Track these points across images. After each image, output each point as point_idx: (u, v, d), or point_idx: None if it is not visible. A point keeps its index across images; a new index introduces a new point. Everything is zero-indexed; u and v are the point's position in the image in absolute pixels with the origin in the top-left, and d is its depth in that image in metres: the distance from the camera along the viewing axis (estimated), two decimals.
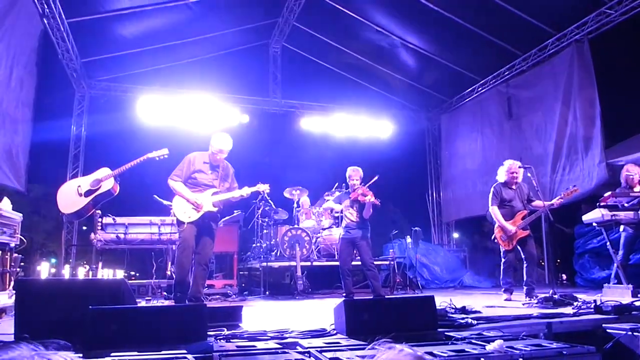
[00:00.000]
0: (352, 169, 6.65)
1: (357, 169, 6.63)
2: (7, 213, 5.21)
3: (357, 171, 6.60)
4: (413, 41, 11.14)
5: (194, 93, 11.93)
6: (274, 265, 8.79)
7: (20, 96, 8.44)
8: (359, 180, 6.55)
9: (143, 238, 7.48)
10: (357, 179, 6.54)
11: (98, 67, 11.21)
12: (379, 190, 6.51)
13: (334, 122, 13.12)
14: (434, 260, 11.26)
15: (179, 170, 5.49)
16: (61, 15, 8.98)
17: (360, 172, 6.60)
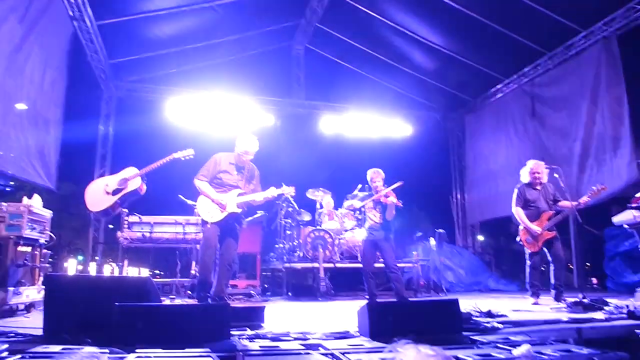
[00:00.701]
0: (373, 170, 6.61)
1: (379, 171, 6.60)
2: (37, 210, 5.32)
3: (379, 173, 6.58)
4: (436, 41, 11.03)
5: (218, 94, 12.03)
6: (297, 267, 8.77)
7: (51, 97, 8.65)
8: (382, 182, 6.51)
9: (168, 237, 7.56)
10: (379, 181, 6.52)
11: (125, 68, 11.38)
12: (402, 192, 6.47)
13: (356, 122, 13.08)
14: (458, 263, 11.11)
15: (205, 170, 5.52)
16: (90, 18, 9.13)
17: (381, 173, 6.57)
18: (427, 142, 13.73)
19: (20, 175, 7.82)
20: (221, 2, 10.00)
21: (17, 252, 4.99)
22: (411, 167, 12.72)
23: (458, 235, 13.83)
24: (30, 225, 5.14)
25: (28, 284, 5.17)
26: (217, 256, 5.46)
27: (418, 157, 12.92)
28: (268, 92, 12.74)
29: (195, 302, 5.59)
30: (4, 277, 4.75)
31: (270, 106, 12.77)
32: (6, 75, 6.90)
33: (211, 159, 5.60)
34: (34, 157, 8.10)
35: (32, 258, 5.31)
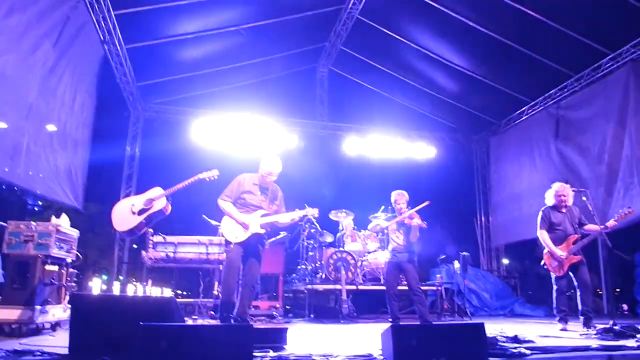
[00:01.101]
0: (397, 193, 6.59)
1: (403, 193, 6.57)
2: (65, 229, 5.41)
3: (403, 195, 6.55)
4: (460, 63, 11.04)
5: (243, 116, 12.21)
6: (319, 288, 8.73)
7: (81, 118, 8.89)
8: (405, 204, 6.48)
9: (191, 257, 7.61)
10: (403, 203, 6.49)
11: (153, 90, 11.65)
12: (427, 214, 6.42)
13: (380, 144, 13.10)
14: (483, 287, 10.91)
15: (228, 190, 5.55)
16: (120, 41, 9.40)
17: (405, 195, 6.55)
18: (451, 164, 13.67)
19: (49, 195, 8.00)
20: (247, 25, 10.20)
21: (45, 271, 5.06)
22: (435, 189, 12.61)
23: (482, 258, 13.63)
24: (58, 245, 5.23)
25: (54, 302, 5.24)
26: (240, 277, 5.46)
27: (442, 179, 12.85)
28: (292, 113, 12.88)
29: (218, 322, 5.60)
30: (31, 296, 4.82)
31: (294, 127, 12.89)
32: (39, 97, 7.13)
33: (235, 179, 5.64)
34: (62, 178, 8.29)
35: (59, 277, 5.39)
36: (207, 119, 12.04)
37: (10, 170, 6.50)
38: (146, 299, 4.38)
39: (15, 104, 6.45)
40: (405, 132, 13.49)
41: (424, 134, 13.68)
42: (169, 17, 9.24)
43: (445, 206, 13.27)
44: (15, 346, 3.80)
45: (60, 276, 5.45)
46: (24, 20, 6.40)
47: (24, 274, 4.89)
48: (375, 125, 13.29)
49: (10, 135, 6.42)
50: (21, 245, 5.00)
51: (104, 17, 8.61)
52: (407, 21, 10.53)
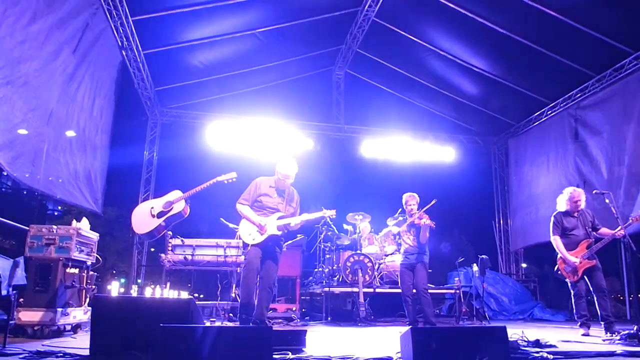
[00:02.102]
0: (408, 195, 6.67)
1: (413, 195, 6.63)
2: (85, 233, 5.50)
3: (413, 197, 6.61)
4: (479, 65, 10.98)
5: (259, 119, 12.30)
6: (336, 291, 8.72)
7: (99, 123, 9.03)
8: (416, 206, 6.52)
9: (209, 260, 7.65)
10: (413, 204, 6.53)
11: (169, 95, 11.80)
12: (443, 217, 6.43)
13: (397, 147, 13.11)
14: (501, 291, 10.80)
15: (246, 194, 5.60)
16: (138, 47, 9.54)
17: (416, 197, 6.60)
18: (469, 166, 13.60)
19: (68, 200, 8.13)
20: (263, 29, 10.27)
21: (66, 274, 5.15)
22: (453, 192, 12.59)
23: (501, 262, 13.50)
24: (78, 248, 5.31)
25: (75, 305, 5.32)
26: (258, 279, 5.47)
27: (460, 181, 12.80)
28: (308, 116, 12.93)
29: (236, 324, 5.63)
30: (52, 298, 4.91)
31: (311, 130, 12.94)
32: (60, 103, 7.26)
33: (252, 183, 5.68)
34: (82, 182, 8.42)
35: (79, 280, 5.47)
36: (224, 123, 12.18)
37: (31, 175, 6.62)
38: (165, 301, 4.43)
39: (36, 110, 6.57)
40: (422, 135, 13.46)
41: (441, 136, 13.63)
42: (185, 22, 9.35)
43: (464, 209, 13.25)
44: (38, 347, 3.88)
45: (81, 279, 5.53)
46: (45, 27, 6.53)
47: (45, 277, 4.99)
48: (392, 128, 13.27)
49: (31, 141, 6.54)
50: (43, 248, 5.09)
51: (121, 23, 8.74)
52: (423, 23, 10.51)
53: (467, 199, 12.99)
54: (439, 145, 13.41)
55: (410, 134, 13.33)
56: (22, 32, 5.97)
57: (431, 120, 13.38)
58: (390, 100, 13.07)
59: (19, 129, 6.16)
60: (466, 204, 13.06)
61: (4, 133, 5.78)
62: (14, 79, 5.89)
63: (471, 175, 13.55)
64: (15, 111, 6.01)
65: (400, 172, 12.54)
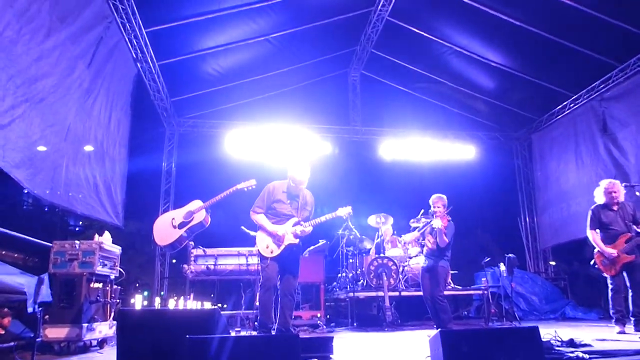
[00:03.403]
0: (435, 196, 6.53)
1: (441, 197, 6.48)
2: (108, 246, 5.55)
3: (440, 198, 6.45)
4: (496, 59, 10.86)
5: (276, 125, 12.35)
6: (361, 296, 8.69)
7: (117, 136, 9.14)
8: (442, 208, 6.38)
9: (232, 269, 7.68)
10: (439, 206, 6.40)
11: (186, 105, 11.90)
12: (467, 216, 6.39)
13: (416, 147, 13.06)
14: (531, 290, 10.64)
15: (260, 201, 5.53)
16: (152, 58, 9.64)
17: (443, 199, 6.43)
18: (491, 163, 13.46)
19: (89, 214, 8.22)
20: (276, 34, 10.31)
21: (90, 289, 5.20)
22: (476, 190, 12.47)
23: (529, 261, 13.32)
24: (101, 262, 5.36)
25: (100, 319, 5.36)
26: (278, 293, 5.40)
27: (483, 179, 12.68)
28: (325, 120, 12.93)
29: None
30: (78, 314, 4.95)
31: (328, 134, 12.95)
32: (77, 118, 7.36)
33: (264, 189, 5.62)
34: (102, 196, 8.53)
35: (103, 294, 5.52)
36: (241, 130, 12.25)
37: (52, 192, 6.71)
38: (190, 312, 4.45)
39: (54, 126, 6.67)
40: (442, 134, 13.38)
41: (461, 134, 13.53)
42: (199, 31, 9.43)
43: (488, 207, 13.09)
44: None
45: (105, 293, 5.58)
46: (59, 43, 6.64)
47: (70, 293, 5.04)
48: (410, 128, 13.21)
49: (50, 158, 6.63)
50: (66, 264, 5.14)
51: (135, 35, 8.84)
52: (438, 19, 10.43)
53: (490, 197, 12.82)
54: (459, 143, 13.31)
55: (429, 134, 13.26)
56: (37, 49, 6.07)
57: (450, 118, 13.27)
58: (407, 99, 13.00)
59: (38, 145, 6.25)
60: (489, 202, 12.89)
61: (23, 150, 5.87)
62: (31, 96, 5.98)
63: (493, 172, 13.41)
64: (34, 128, 6.10)
65: (421, 172, 12.47)
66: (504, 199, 13.75)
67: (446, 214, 6.26)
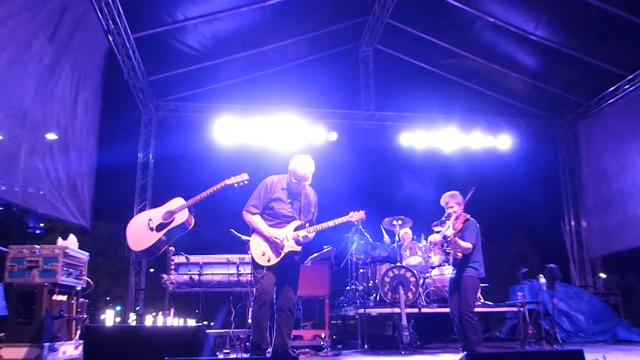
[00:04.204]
0: (446, 195, 6.45)
1: (453, 194, 6.40)
2: (73, 252, 5.58)
3: (453, 196, 6.38)
4: (538, 33, 10.80)
5: (273, 109, 12.38)
6: (373, 313, 8.69)
7: (84, 122, 9.16)
8: (458, 207, 6.32)
9: (220, 280, 7.69)
10: (452, 206, 6.36)
11: (166, 85, 11.92)
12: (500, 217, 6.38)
13: (440, 136, 13.04)
14: (576, 307, 10.65)
15: (255, 199, 5.49)
16: (127, 31, 9.67)
17: (456, 196, 6.36)
18: (530, 156, 13.42)
19: (52, 214, 8.26)
20: (273, 0, 10.26)
21: (52, 302, 5.22)
22: (511, 188, 12.46)
23: (574, 272, 13.30)
24: (65, 270, 5.39)
25: (64, 338, 5.40)
26: (275, 309, 5.39)
27: (519, 175, 12.64)
28: (331, 103, 12.98)
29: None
30: (38, 331, 4.97)
31: (335, 120, 12.99)
32: (36, 101, 7.38)
33: (261, 184, 5.58)
34: (66, 192, 8.53)
35: (68, 308, 5.54)
36: (232, 115, 12.25)
37: (8, 187, 6.72)
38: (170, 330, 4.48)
39: (8, 110, 6.67)
40: (471, 119, 13.38)
41: (495, 120, 13.53)
42: None
43: (525, 208, 13.06)
44: None
45: (70, 307, 5.61)
46: (14, 11, 6.61)
47: (29, 306, 5.06)
48: (433, 113, 13.23)
49: (4, 147, 6.63)
50: (25, 272, 5.17)
51: (106, 2, 8.87)
52: None
53: (528, 196, 12.77)
54: (492, 131, 13.28)
55: (457, 119, 13.25)
56: None
57: (481, 101, 13.25)
58: (429, 79, 12.98)
59: None
60: (527, 201, 12.84)
61: None
62: None
63: (531, 166, 13.32)
64: None
65: (446, 165, 12.48)
66: (544, 198, 13.71)
67: (463, 213, 6.22)
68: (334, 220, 5.52)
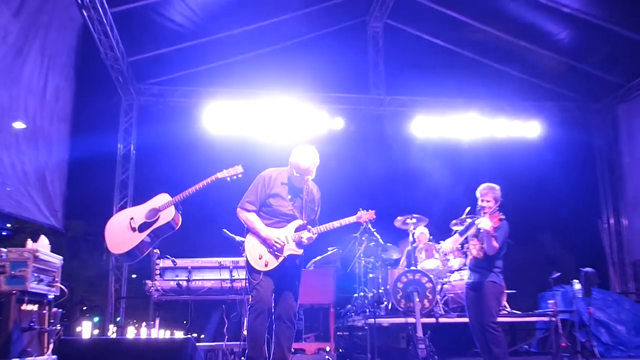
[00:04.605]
0: (485, 187, 6.45)
1: (492, 187, 6.41)
2: (45, 256, 5.56)
3: (492, 189, 6.37)
4: (572, 4, 10.77)
5: (271, 93, 12.39)
6: (384, 323, 8.72)
7: (55, 109, 9.14)
8: (494, 202, 6.34)
9: (211, 286, 7.69)
10: (489, 200, 6.36)
11: (149, 67, 11.92)
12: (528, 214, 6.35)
13: (460, 123, 13.03)
14: (615, 317, 10.64)
15: (250, 195, 5.46)
16: (103, 4, 9.63)
17: (495, 190, 6.37)
18: (562, 144, 13.37)
19: (18, 213, 8.23)
20: None
21: (21, 312, 5.21)
22: (541, 181, 12.45)
23: (613, 276, 13.31)
24: (36, 277, 5.38)
25: (35, 353, 5.39)
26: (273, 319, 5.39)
27: (550, 166, 12.63)
28: (336, 87, 12.98)
29: None
30: (5, 345, 4.96)
31: (340, 105, 13.00)
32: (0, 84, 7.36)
33: (258, 178, 5.54)
34: (34, 188, 8.50)
35: (39, 319, 5.55)
36: (224, 100, 12.28)
37: None
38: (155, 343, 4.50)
39: None
40: (495, 104, 13.37)
41: (521, 104, 13.52)
42: None
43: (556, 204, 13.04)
44: None
45: (42, 318, 5.61)
46: None
47: None
48: (452, 97, 13.24)
49: None
50: None
51: None
52: None
53: (560, 190, 12.75)
54: (518, 117, 13.27)
55: (478, 104, 13.25)
56: None
57: (506, 83, 13.23)
58: (448, 59, 12.99)
59: None
60: (559, 196, 12.82)
61: None
62: None
63: (564, 156, 13.25)
64: None
65: (466, 156, 12.46)
66: (579, 192, 13.67)
67: (498, 211, 6.23)
68: (340, 220, 5.47)
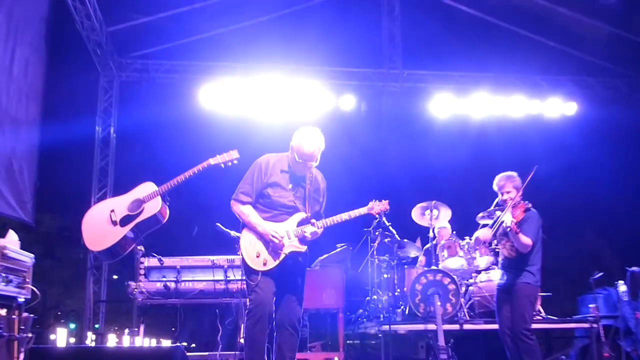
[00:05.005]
0: (501, 177, 6.45)
1: (510, 176, 6.39)
2: (13, 253, 5.56)
3: (510, 178, 6.37)
4: None
5: (270, 67, 12.36)
6: (401, 330, 8.73)
7: (23, 87, 9.11)
8: (516, 192, 6.32)
9: (203, 288, 7.71)
10: (509, 190, 6.35)
11: (131, 38, 11.91)
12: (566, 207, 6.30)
13: (487, 101, 12.96)
14: None
15: (246, 184, 5.43)
16: None
17: (514, 178, 6.35)
18: (604, 125, 13.34)
19: None
20: None
21: None
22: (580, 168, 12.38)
23: None
24: (4, 277, 5.40)
25: None
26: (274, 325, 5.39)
27: (588, 150, 12.58)
28: (346, 60, 12.97)
29: None
30: None
31: (350, 81, 12.98)
32: None
33: (253, 165, 5.50)
34: None
35: (8, 325, 5.57)
36: (215, 76, 12.25)
37: None
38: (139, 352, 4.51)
39: None
40: (528, 79, 13.35)
41: (557, 80, 13.49)
42: None
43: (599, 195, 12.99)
44: None
45: (11, 324, 5.64)
46: None
47: None
48: (479, 72, 13.21)
49: None
50: None
51: None
52: None
53: (603, 179, 12.72)
54: (553, 94, 13.22)
55: (508, 79, 13.26)
56: None
57: (540, 55, 13.19)
58: (474, 27, 12.93)
59: None
60: (601, 186, 12.78)
61: None
62: None
63: (607, 139, 13.25)
64: None
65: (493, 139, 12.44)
66: (624, 182, 13.64)
67: (522, 201, 6.21)
68: (349, 212, 5.43)
